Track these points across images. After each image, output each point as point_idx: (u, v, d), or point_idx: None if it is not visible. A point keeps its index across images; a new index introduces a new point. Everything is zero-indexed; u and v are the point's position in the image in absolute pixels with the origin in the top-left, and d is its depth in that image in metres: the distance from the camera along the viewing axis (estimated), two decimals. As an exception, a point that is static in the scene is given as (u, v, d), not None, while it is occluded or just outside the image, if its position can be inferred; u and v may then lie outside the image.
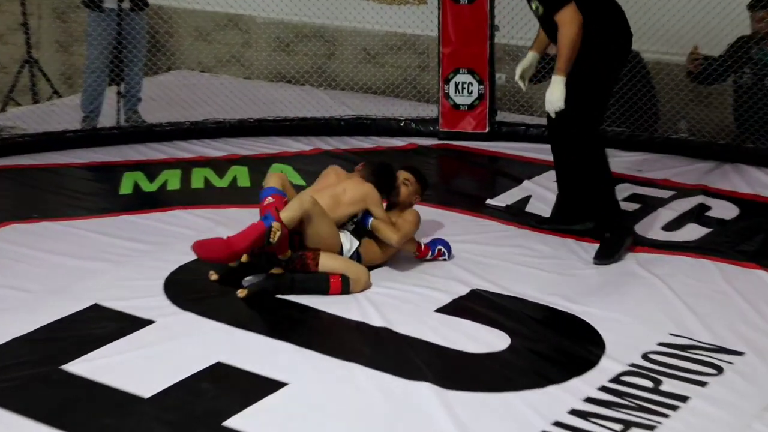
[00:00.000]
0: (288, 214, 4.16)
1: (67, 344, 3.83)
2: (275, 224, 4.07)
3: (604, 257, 4.54)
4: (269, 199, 4.29)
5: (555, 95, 4.37)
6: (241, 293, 4.19)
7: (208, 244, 4.11)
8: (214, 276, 4.35)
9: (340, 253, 4.33)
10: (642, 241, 4.78)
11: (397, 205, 4.58)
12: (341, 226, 4.39)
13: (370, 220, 4.39)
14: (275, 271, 4.24)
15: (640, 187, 5.46)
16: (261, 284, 4.20)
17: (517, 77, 4.77)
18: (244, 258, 4.30)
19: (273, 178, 4.50)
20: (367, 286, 4.28)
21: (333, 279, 4.23)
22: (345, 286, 4.23)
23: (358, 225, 4.44)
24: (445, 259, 4.56)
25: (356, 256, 4.40)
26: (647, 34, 5.80)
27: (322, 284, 4.22)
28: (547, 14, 4.39)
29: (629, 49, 4.66)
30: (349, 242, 4.39)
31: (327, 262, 4.25)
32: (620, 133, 6.12)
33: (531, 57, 4.78)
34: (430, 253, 4.55)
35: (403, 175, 4.58)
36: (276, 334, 3.92)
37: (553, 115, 4.47)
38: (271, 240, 4.05)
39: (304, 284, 4.22)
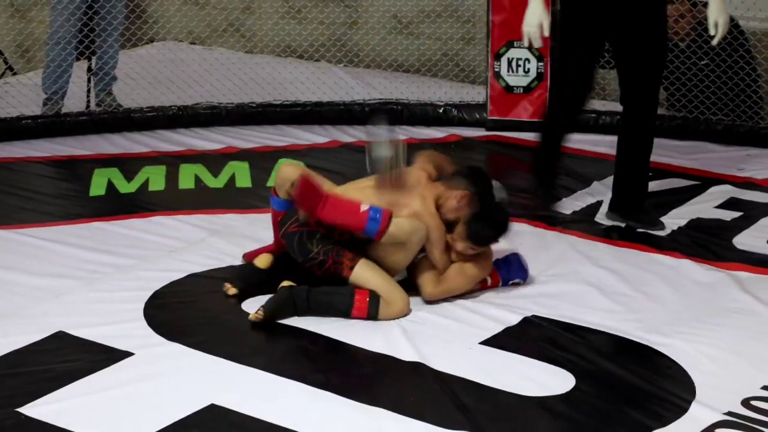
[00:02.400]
0: (394, 230, 4.21)
1: (24, 382, 3.88)
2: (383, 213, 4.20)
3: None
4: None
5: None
6: (253, 317, 4.24)
7: (311, 188, 4.22)
8: (231, 290, 4.43)
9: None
10: (742, 257, 4.80)
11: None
12: None
13: (421, 257, 4.41)
14: (286, 284, 4.30)
15: (740, 190, 5.48)
16: (273, 301, 4.24)
17: (538, 42, 5.01)
18: (264, 263, 4.38)
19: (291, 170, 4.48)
20: (402, 314, 4.31)
21: (359, 296, 4.26)
22: (372, 308, 4.25)
23: None
24: (520, 283, 4.58)
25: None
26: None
27: (343, 301, 4.26)
28: None
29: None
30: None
31: (363, 273, 4.27)
32: (717, 122, 6.13)
33: (542, 6, 4.97)
34: (500, 283, 4.55)
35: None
36: (282, 371, 3.96)
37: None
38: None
39: (322, 299, 4.26)
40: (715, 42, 4.88)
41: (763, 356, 4.08)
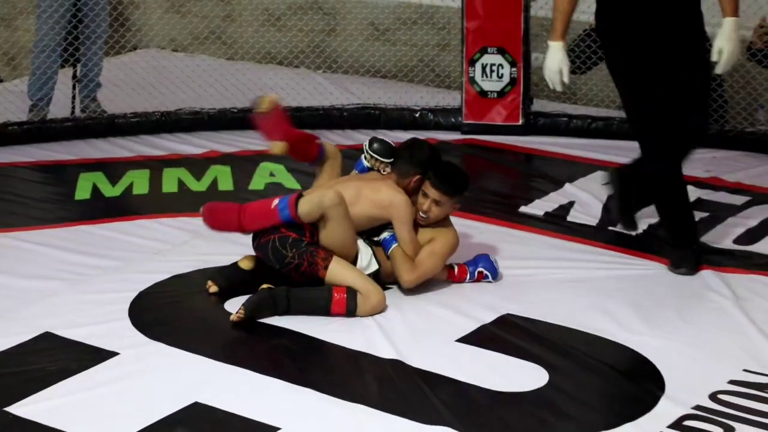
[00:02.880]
0: (304, 207, 4.28)
1: (12, 381, 3.88)
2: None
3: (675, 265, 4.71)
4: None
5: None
6: (235, 317, 4.25)
7: (220, 211, 4.39)
8: (213, 288, 4.45)
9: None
10: (709, 257, 4.82)
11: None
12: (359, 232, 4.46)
13: (393, 246, 4.45)
14: (265, 286, 4.33)
15: (706, 191, 5.51)
16: (253, 302, 4.26)
17: (559, 86, 4.64)
18: (247, 264, 4.43)
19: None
20: (378, 309, 4.33)
21: (337, 293, 4.29)
22: (351, 303, 4.28)
23: (377, 243, 4.49)
24: (489, 281, 4.61)
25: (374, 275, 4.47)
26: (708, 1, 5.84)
27: (322, 298, 4.28)
28: None
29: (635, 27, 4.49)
30: (367, 259, 4.46)
31: (338, 271, 4.32)
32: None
33: (561, 50, 4.56)
34: (468, 276, 4.59)
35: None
36: (265, 369, 3.97)
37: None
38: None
39: (302, 298, 4.28)
40: (718, 71, 4.46)
41: (729, 352, 4.10)
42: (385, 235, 4.49)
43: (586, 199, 5.41)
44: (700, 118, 4.66)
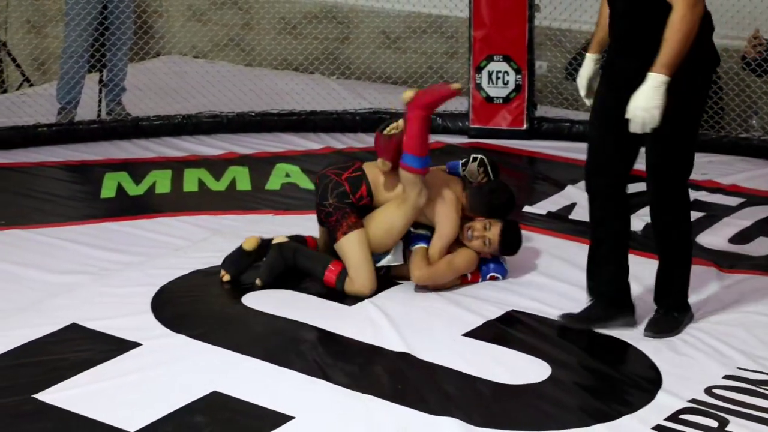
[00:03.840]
0: (409, 177, 4.33)
1: (40, 370, 3.87)
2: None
3: (666, 332, 4.14)
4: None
5: (651, 102, 3.65)
6: (257, 284, 4.42)
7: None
8: (226, 277, 4.47)
9: (382, 256, 4.44)
10: (706, 254, 4.79)
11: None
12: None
13: (418, 245, 4.45)
14: (278, 239, 4.45)
15: (702, 193, 5.49)
16: (265, 268, 4.42)
17: (583, 93, 4.17)
18: (252, 244, 4.47)
19: None
20: (361, 293, 4.37)
21: (332, 267, 4.39)
22: (339, 283, 4.38)
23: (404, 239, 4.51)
24: (498, 279, 4.60)
25: (384, 269, 4.50)
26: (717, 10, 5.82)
27: (321, 266, 4.41)
28: None
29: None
30: (395, 254, 4.47)
31: (348, 244, 4.36)
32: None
33: (592, 62, 4.11)
34: (480, 280, 4.58)
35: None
36: (280, 360, 3.96)
37: (640, 131, 3.75)
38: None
39: (306, 256, 4.43)
40: (631, 130, 3.79)
41: (724, 349, 4.08)
42: (420, 231, 4.49)
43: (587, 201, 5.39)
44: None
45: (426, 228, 4.51)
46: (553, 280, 4.61)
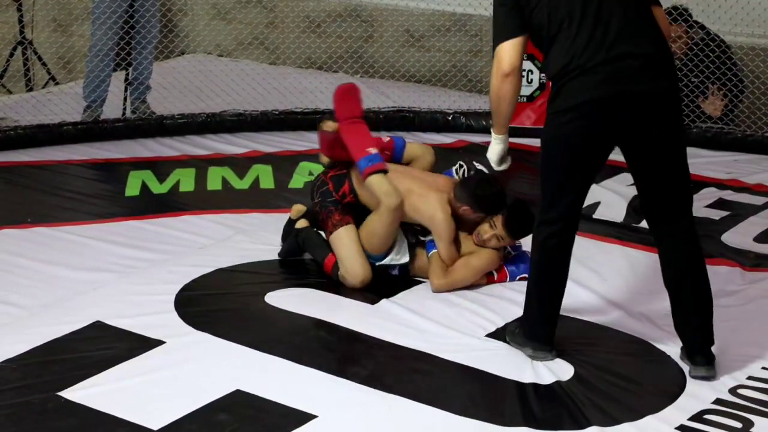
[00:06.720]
0: (375, 180, 4.36)
1: (64, 367, 3.89)
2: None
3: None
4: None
5: (491, 153, 4.07)
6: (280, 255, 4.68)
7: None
8: (302, 223, 4.68)
9: (384, 256, 4.47)
10: (730, 253, 4.77)
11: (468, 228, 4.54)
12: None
13: (434, 251, 4.47)
14: (300, 224, 4.63)
15: (728, 192, 5.47)
16: (285, 247, 4.68)
17: (499, 167, 4.17)
18: (296, 213, 4.71)
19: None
20: (353, 283, 4.43)
21: (330, 258, 4.51)
22: (335, 272, 4.50)
23: (422, 243, 4.52)
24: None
25: (400, 269, 4.52)
26: (730, 12, 5.78)
27: (322, 253, 4.55)
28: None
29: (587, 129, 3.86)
30: (399, 253, 4.48)
31: (338, 240, 4.48)
32: (706, 130, 6.11)
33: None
34: (507, 278, 4.55)
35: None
36: (303, 359, 3.96)
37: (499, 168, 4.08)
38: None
39: (311, 242, 4.58)
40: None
41: (749, 348, 4.06)
42: (430, 237, 4.51)
43: (611, 199, 5.37)
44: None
45: None
46: (576, 281, 4.54)
